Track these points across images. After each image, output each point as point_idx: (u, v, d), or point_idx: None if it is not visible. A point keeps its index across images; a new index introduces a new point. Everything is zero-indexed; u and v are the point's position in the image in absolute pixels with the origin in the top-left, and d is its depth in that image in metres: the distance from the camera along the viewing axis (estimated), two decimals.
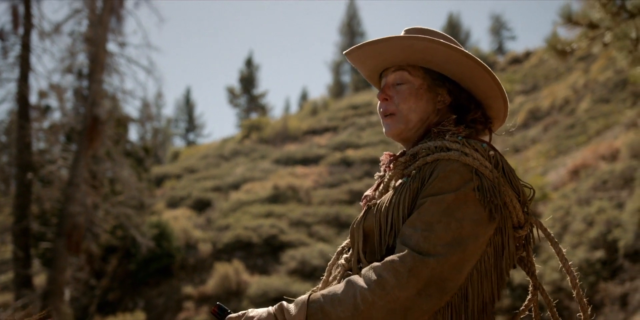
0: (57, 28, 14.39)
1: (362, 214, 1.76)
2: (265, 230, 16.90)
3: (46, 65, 57.92)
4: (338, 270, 1.83)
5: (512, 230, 1.65)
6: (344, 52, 1.83)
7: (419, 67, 1.76)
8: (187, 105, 48.61)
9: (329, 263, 1.93)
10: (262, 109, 45.43)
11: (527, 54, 31.68)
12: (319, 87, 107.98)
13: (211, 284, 14.99)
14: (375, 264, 1.57)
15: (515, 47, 79.14)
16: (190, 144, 45.25)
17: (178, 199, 20.37)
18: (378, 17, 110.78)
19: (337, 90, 48.44)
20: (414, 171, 1.67)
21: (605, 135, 15.35)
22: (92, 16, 14.67)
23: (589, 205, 10.93)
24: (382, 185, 1.79)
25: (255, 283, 14.71)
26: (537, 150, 17.20)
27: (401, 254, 1.53)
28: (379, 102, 1.80)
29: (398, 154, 1.81)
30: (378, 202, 1.72)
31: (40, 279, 14.63)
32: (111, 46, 19.06)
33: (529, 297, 1.81)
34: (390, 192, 1.71)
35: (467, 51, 1.71)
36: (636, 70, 5.78)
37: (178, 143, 47.13)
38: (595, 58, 22.25)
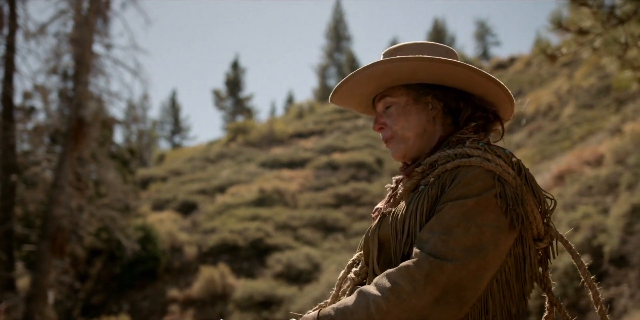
0: (42, 29, 14.28)
1: (376, 222, 1.70)
2: (251, 234, 16.86)
3: (31, 66, 57.53)
4: (347, 284, 1.76)
5: (533, 242, 1.59)
6: (329, 101, 1.84)
7: (397, 86, 1.74)
8: (173, 108, 48.45)
9: (338, 277, 1.83)
10: (248, 112, 45.37)
11: (512, 60, 31.92)
12: (304, 90, 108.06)
13: (196, 288, 14.92)
14: (389, 270, 1.50)
15: (500, 52, 79.72)
16: (175, 146, 45.08)
17: (163, 201, 20.27)
18: (364, 22, 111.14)
19: (323, 93, 48.48)
20: (432, 179, 1.60)
21: (589, 141, 15.50)
22: (77, 17, 14.56)
23: (574, 210, 11.02)
24: (396, 196, 1.72)
25: (241, 286, 14.66)
26: (522, 155, 17.32)
27: (417, 259, 1.46)
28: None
29: (410, 163, 1.75)
30: (394, 210, 1.65)
31: (23, 282, 14.47)
32: (97, 47, 18.92)
33: (545, 314, 1.73)
34: (407, 200, 1.64)
35: (425, 55, 1.67)
36: (624, 73, 5.86)
37: (163, 145, 46.95)
38: (579, 64, 22.48)
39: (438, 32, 50.08)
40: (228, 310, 14.05)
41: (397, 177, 1.81)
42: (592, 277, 1.66)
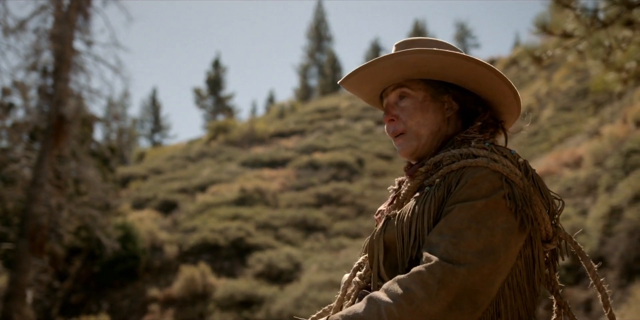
0: (22, 24, 14.11)
1: (381, 225, 1.63)
2: (232, 233, 16.82)
3: (10, 62, 56.82)
4: (352, 288, 1.69)
5: (542, 244, 1.57)
6: (338, 82, 1.74)
7: (417, 79, 1.67)
8: (153, 106, 48.13)
9: (343, 280, 1.75)
10: (229, 111, 45.21)
11: (491, 62, 32.20)
12: (286, 90, 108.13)
13: (177, 287, 14.86)
14: (400, 276, 1.44)
15: (479, 54, 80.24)
16: (156, 145, 44.80)
17: (144, 200, 20.15)
18: (346, 22, 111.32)
19: (304, 93, 48.52)
20: (437, 180, 1.56)
21: (567, 143, 15.69)
22: (58, 13, 14.42)
23: None
24: (399, 197, 1.67)
25: (222, 286, 14.62)
26: None
27: (429, 264, 1.41)
28: (385, 124, 1.71)
29: (415, 163, 1.70)
30: (398, 212, 1.60)
31: (1, 281, 14.31)
32: (78, 44, 18.74)
33: (553, 317, 1.70)
34: (412, 202, 1.59)
35: (462, 53, 1.65)
36: (609, 75, 5.96)
37: (144, 144, 46.64)
38: (558, 67, 22.73)
39: (419, 33, 50.36)
40: (208, 310, 14.01)
41: (400, 178, 1.76)
42: (601, 279, 1.67)
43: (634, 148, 12.75)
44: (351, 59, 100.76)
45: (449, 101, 1.67)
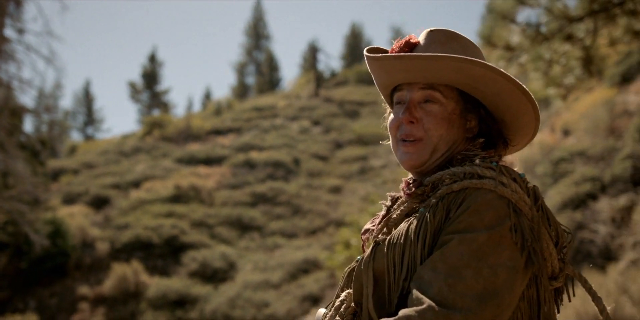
0: None
1: (369, 252, 1.40)
2: (165, 231, 16.61)
3: None
4: None
5: (548, 282, 1.37)
6: (376, 56, 1.48)
7: (452, 87, 1.45)
8: (87, 98, 46.82)
9: (318, 317, 1.52)
10: (165, 106, 44.49)
11: None
12: (222, 87, 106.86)
13: (108, 285, 14.58)
14: None
15: None
16: (88, 138, 43.61)
17: (75, 195, 19.63)
18: (284, 22, 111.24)
19: (241, 91, 48.25)
20: (434, 200, 1.35)
21: None
22: None
23: None
24: (390, 219, 1.46)
25: (155, 284, 14.44)
26: None
27: (420, 308, 1.21)
28: (392, 121, 1.50)
29: (412, 181, 1.48)
30: (389, 237, 1.39)
31: None
32: (8, 32, 18.10)
33: None
34: (404, 225, 1.38)
35: (520, 83, 1.44)
36: (549, 90, 6.19)
37: (76, 137, 45.29)
38: None
39: (355, 36, 50.94)
40: (140, 309, 13.80)
41: (394, 193, 1.54)
42: None
43: (563, 156, 13.31)
44: (289, 58, 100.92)
45: (472, 120, 1.48)
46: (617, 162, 11.94)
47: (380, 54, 1.48)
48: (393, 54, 1.46)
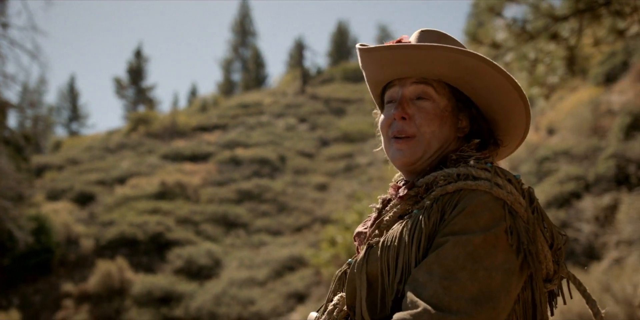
0: None
1: (362, 255, 1.38)
2: (151, 227, 16.55)
3: None
4: None
5: (543, 285, 1.35)
6: (368, 47, 1.46)
7: (445, 83, 1.43)
8: (71, 94, 46.47)
9: None
10: (150, 102, 44.26)
11: None
12: (208, 84, 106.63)
13: (93, 282, 14.50)
14: None
15: None
16: (73, 134, 43.32)
17: (59, 191, 19.49)
18: (270, 19, 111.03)
19: (227, 88, 48.13)
20: (428, 202, 1.33)
21: None
22: None
23: None
24: (383, 219, 1.44)
25: (140, 281, 14.38)
26: None
27: (415, 311, 1.20)
28: (383, 120, 1.48)
29: (402, 183, 1.46)
30: (382, 240, 1.36)
31: None
32: None
33: None
34: (397, 228, 1.36)
35: (513, 78, 1.42)
36: (533, 90, 6.21)
37: (60, 132, 44.93)
38: None
39: (341, 34, 50.96)
40: (125, 306, 13.75)
41: (384, 196, 1.51)
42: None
43: (547, 155, 13.41)
44: (275, 55, 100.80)
45: (463, 119, 1.46)
46: (601, 161, 12.05)
47: (373, 45, 1.45)
48: (386, 44, 1.43)
